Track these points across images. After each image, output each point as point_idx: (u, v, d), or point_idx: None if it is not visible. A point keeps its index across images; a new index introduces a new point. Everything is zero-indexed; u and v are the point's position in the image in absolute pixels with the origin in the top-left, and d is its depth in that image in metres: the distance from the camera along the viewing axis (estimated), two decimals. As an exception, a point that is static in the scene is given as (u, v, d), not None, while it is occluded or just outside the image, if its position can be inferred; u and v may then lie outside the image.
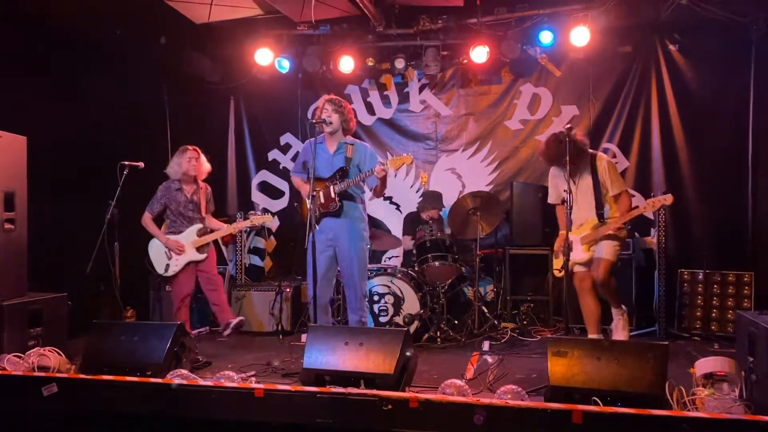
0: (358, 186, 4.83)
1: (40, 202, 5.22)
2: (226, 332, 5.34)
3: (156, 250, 5.38)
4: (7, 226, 4.68)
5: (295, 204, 5.48)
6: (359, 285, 4.85)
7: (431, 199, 6.49)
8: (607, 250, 4.87)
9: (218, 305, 5.47)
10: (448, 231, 6.22)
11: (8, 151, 4.68)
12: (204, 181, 5.55)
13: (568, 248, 4.59)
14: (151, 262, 5.40)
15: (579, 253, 4.94)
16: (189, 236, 5.35)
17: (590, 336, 5.03)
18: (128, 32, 6.34)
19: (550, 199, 5.26)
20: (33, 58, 5.76)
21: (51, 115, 5.83)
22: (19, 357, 4.19)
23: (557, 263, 5.10)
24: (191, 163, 5.35)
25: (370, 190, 4.90)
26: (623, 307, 5.10)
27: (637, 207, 4.97)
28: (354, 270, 4.81)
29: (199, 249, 5.37)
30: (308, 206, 4.54)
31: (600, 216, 4.90)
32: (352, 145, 4.89)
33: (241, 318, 5.45)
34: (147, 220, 5.39)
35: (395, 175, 7.17)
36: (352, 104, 6.45)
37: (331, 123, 4.79)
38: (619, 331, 5.00)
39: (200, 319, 6.43)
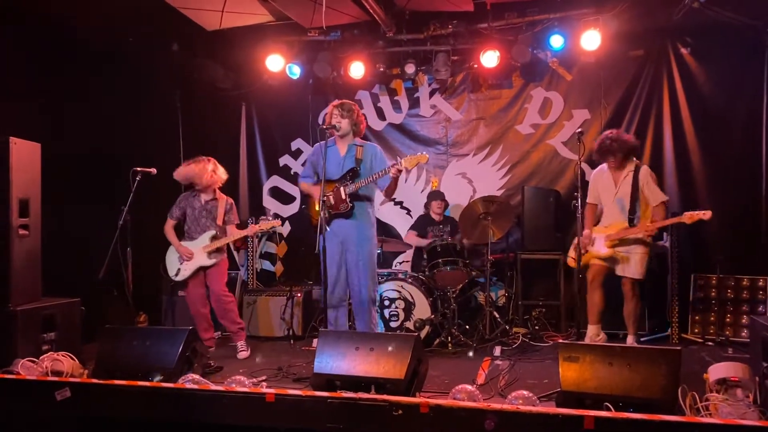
0: (369, 187, 4.83)
1: (54, 208, 5.27)
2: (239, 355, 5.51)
3: (171, 256, 5.58)
4: (22, 232, 4.72)
5: (303, 207, 5.50)
6: (367, 289, 4.83)
7: (433, 194, 6.59)
8: (635, 268, 5.10)
9: (232, 332, 5.59)
10: (459, 236, 6.22)
11: (23, 158, 4.73)
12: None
13: (580, 252, 4.59)
14: (165, 266, 5.61)
15: (601, 248, 5.16)
16: (201, 242, 5.48)
17: (590, 325, 5.29)
18: (141, 39, 6.40)
19: (589, 199, 5.46)
20: (46, 65, 5.82)
21: (65, 122, 5.90)
22: (33, 362, 4.24)
23: (574, 252, 5.16)
24: (200, 176, 5.46)
25: (382, 192, 4.91)
26: (638, 337, 5.34)
27: (669, 217, 5.10)
28: (362, 273, 4.80)
29: (210, 255, 5.43)
30: (319, 209, 4.56)
31: (630, 221, 5.09)
32: (362, 146, 4.92)
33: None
34: (167, 226, 5.59)
35: (406, 180, 7.18)
36: (363, 109, 6.46)
37: (340, 128, 4.81)
38: None
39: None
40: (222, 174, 5.62)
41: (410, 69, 6.70)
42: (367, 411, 3.23)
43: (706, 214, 4.79)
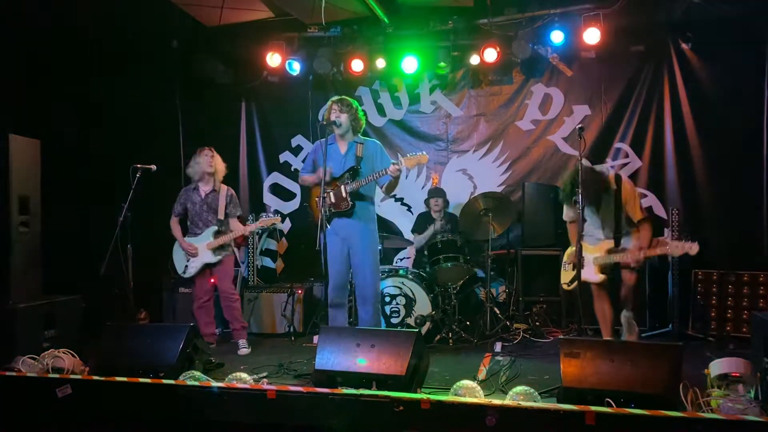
0: (370, 185, 4.82)
1: (54, 205, 5.27)
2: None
3: (178, 252, 5.58)
4: (22, 229, 4.73)
5: (305, 204, 5.50)
6: (372, 286, 4.83)
7: (434, 191, 6.58)
8: (629, 276, 4.85)
9: (234, 329, 5.61)
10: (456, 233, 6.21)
11: (22, 155, 4.74)
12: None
13: (580, 259, 4.52)
14: (173, 263, 5.61)
15: (591, 274, 4.86)
16: (205, 238, 5.47)
17: (604, 338, 5.04)
18: (140, 36, 6.39)
19: (566, 217, 5.11)
20: (46, 62, 5.82)
21: (64, 119, 5.91)
22: (34, 359, 4.24)
23: (566, 276, 5.07)
24: (206, 160, 5.49)
25: (381, 188, 4.90)
26: (634, 313, 5.07)
27: (657, 245, 4.76)
28: (366, 271, 4.80)
29: (214, 252, 5.43)
30: (318, 207, 4.56)
31: (617, 240, 4.83)
32: (362, 143, 4.90)
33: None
34: (172, 223, 5.60)
35: (406, 177, 7.17)
36: (363, 106, 6.45)
37: (340, 124, 4.80)
38: (628, 330, 4.97)
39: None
40: (220, 161, 5.65)
41: (410, 65, 6.69)
42: (369, 407, 3.23)
43: (693, 249, 4.48)
